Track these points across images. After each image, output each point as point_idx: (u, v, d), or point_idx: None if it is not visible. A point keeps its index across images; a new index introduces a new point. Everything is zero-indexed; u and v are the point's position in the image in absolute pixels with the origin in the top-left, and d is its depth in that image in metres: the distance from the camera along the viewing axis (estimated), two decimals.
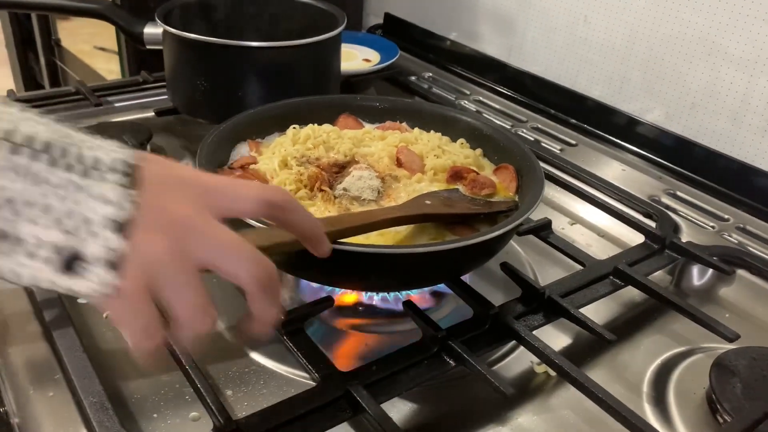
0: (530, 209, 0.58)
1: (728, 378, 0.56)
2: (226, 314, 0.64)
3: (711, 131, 0.88)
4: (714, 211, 0.83)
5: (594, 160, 0.93)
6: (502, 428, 0.54)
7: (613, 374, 0.60)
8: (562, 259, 0.74)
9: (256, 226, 0.51)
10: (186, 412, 0.53)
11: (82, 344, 0.53)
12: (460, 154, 0.72)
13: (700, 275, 0.73)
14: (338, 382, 0.50)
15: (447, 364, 0.54)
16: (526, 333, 0.56)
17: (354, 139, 0.73)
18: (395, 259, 0.53)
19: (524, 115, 1.06)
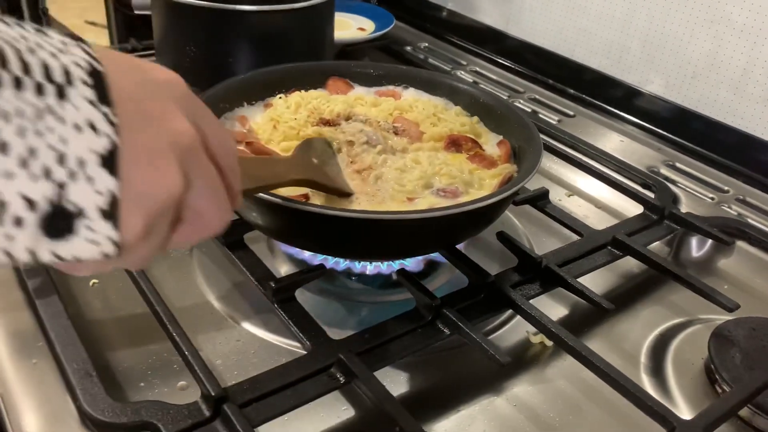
0: (528, 176, 0.57)
1: (727, 348, 0.55)
2: (216, 285, 0.62)
3: (712, 101, 0.86)
4: (713, 182, 0.82)
5: (592, 131, 0.92)
6: (497, 398, 0.53)
7: (610, 345, 0.59)
8: (559, 231, 0.73)
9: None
10: (174, 381, 0.52)
11: (66, 312, 0.52)
12: (457, 122, 0.70)
13: (698, 246, 0.72)
14: (330, 350, 0.49)
15: (442, 333, 0.53)
16: (523, 302, 0.55)
17: (345, 104, 0.71)
18: (388, 225, 0.52)
19: (522, 86, 1.04)
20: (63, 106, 0.27)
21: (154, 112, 0.31)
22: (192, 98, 0.34)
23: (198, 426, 0.43)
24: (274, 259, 0.66)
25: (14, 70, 0.25)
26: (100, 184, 0.28)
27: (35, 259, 0.27)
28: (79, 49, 0.28)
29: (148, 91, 0.31)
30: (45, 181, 0.26)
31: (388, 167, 0.62)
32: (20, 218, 0.26)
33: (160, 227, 0.31)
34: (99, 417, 0.43)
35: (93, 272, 0.31)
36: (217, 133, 0.35)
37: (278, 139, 0.66)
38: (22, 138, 0.25)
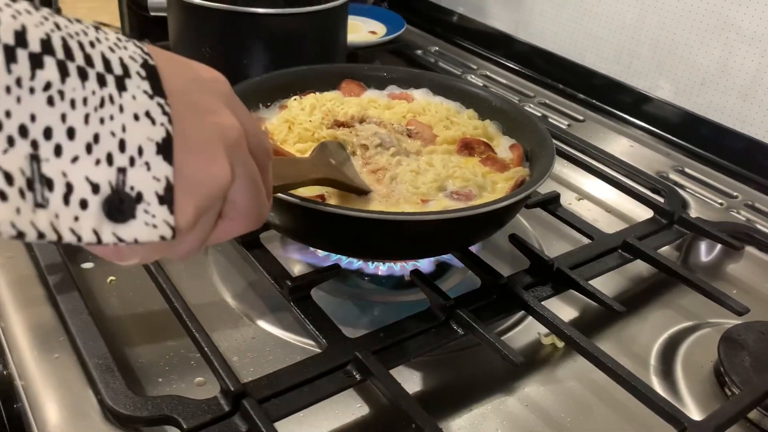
0: (542, 179, 0.58)
1: (737, 351, 0.56)
2: (232, 284, 0.63)
3: (721, 108, 0.87)
4: (722, 188, 0.83)
5: (602, 135, 0.92)
6: (509, 398, 0.54)
7: (620, 347, 0.60)
8: (569, 234, 0.74)
9: None
10: (191, 377, 0.52)
11: (87, 308, 0.53)
12: (469, 125, 0.71)
13: (707, 251, 0.72)
14: (346, 348, 0.50)
15: (455, 333, 0.53)
16: (536, 303, 0.56)
17: (359, 106, 0.72)
18: (404, 226, 0.52)
19: (532, 90, 1.05)
20: (122, 96, 0.28)
21: (203, 105, 0.32)
22: (234, 97, 0.36)
23: (217, 420, 0.44)
24: (287, 259, 0.67)
25: (79, 61, 0.27)
26: (157, 170, 0.29)
27: (99, 239, 0.28)
28: (132, 44, 0.30)
29: (197, 86, 0.33)
30: (107, 166, 0.28)
31: (403, 168, 0.63)
32: (85, 200, 0.27)
33: (208, 217, 0.32)
34: (121, 410, 0.44)
35: (142, 261, 0.32)
36: (256, 132, 0.36)
37: (293, 140, 0.66)
38: (86, 125, 0.27)
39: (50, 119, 0.26)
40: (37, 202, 0.26)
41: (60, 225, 0.27)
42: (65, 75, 0.26)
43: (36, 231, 0.26)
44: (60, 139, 0.26)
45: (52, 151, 0.26)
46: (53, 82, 0.26)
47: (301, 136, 0.67)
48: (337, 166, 0.59)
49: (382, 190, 0.61)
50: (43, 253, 0.59)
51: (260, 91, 0.71)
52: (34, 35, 0.26)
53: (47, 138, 0.26)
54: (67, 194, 0.27)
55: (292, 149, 0.65)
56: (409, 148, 0.67)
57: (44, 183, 0.26)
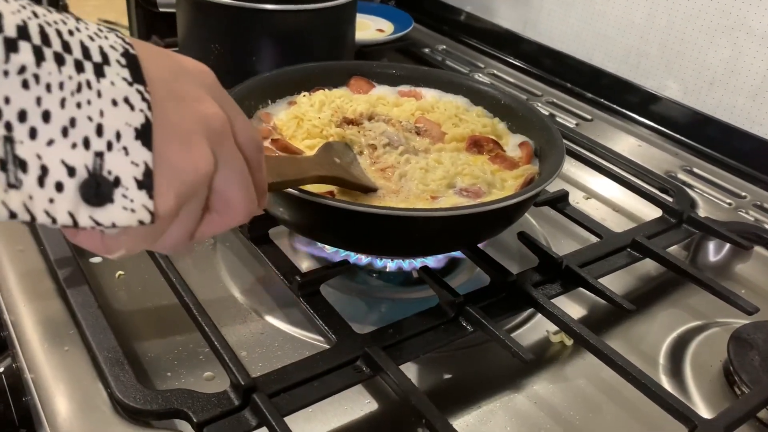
0: (552, 177, 0.57)
1: (746, 350, 0.56)
2: (240, 279, 0.63)
3: (730, 108, 0.87)
4: (730, 188, 0.82)
5: (609, 135, 0.92)
6: (518, 395, 0.54)
7: (628, 346, 0.60)
8: (577, 233, 0.73)
9: None
10: (200, 371, 0.53)
11: (96, 302, 0.53)
12: (478, 123, 0.71)
13: (716, 251, 0.72)
14: (356, 344, 0.50)
15: (465, 329, 0.53)
16: (545, 301, 0.56)
17: (368, 103, 0.72)
18: (414, 222, 0.52)
19: (539, 89, 1.04)
20: (100, 81, 0.28)
21: (185, 94, 0.32)
22: (221, 89, 0.36)
23: (228, 414, 0.44)
24: (296, 255, 0.67)
25: (56, 47, 0.27)
26: (136, 155, 0.29)
27: (75, 222, 0.28)
28: (114, 35, 0.30)
29: (180, 76, 0.33)
30: (84, 150, 0.28)
31: (412, 166, 0.63)
32: (61, 183, 0.27)
33: (192, 207, 0.33)
34: (131, 404, 0.44)
35: (129, 252, 0.32)
36: (245, 127, 0.36)
37: (301, 136, 0.67)
38: (62, 108, 0.27)
39: (25, 102, 0.26)
40: (10, 183, 0.26)
41: (34, 206, 0.27)
42: (41, 59, 0.27)
43: (7, 210, 0.27)
44: (35, 122, 0.27)
45: (27, 134, 0.26)
46: (28, 66, 0.26)
47: (310, 132, 0.67)
48: (342, 165, 0.59)
49: (391, 187, 0.61)
50: (53, 246, 0.59)
51: (269, 87, 0.71)
52: (10, 21, 0.26)
53: (21, 120, 0.26)
54: (41, 176, 0.27)
55: (301, 145, 0.65)
56: (417, 146, 0.67)
57: (18, 164, 0.26)
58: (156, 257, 0.57)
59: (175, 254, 0.65)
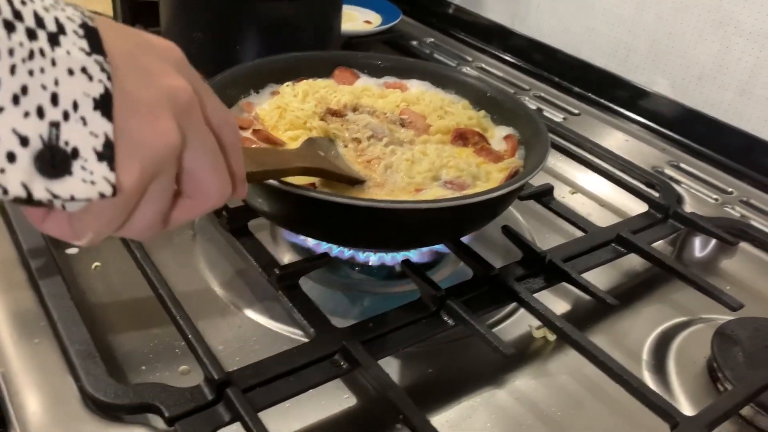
0: (536, 170, 0.57)
1: (730, 347, 0.55)
2: (219, 272, 0.62)
3: (718, 103, 0.86)
4: (717, 183, 0.82)
5: (597, 129, 0.91)
6: (499, 391, 0.53)
7: (612, 341, 0.59)
8: (562, 227, 0.73)
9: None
10: (175, 365, 0.51)
11: (69, 293, 0.51)
12: (464, 116, 0.70)
13: (702, 247, 0.72)
14: (334, 338, 0.49)
15: (446, 324, 0.53)
16: (527, 295, 0.55)
17: (352, 94, 0.71)
18: (396, 214, 0.51)
19: (527, 83, 1.04)
20: (55, 50, 0.27)
21: (149, 67, 0.31)
22: (189, 67, 0.34)
23: (201, 409, 0.43)
24: (277, 248, 0.66)
25: (6, 15, 0.26)
26: (95, 126, 0.28)
27: (30, 194, 0.27)
28: (72, 8, 0.29)
29: (144, 50, 0.31)
30: (38, 119, 0.27)
31: (397, 157, 0.62)
32: (13, 153, 0.26)
33: (161, 186, 0.31)
34: (101, 398, 0.43)
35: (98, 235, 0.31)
36: (217, 107, 0.35)
37: (284, 127, 0.65)
38: (12, 75, 0.26)
39: None
40: None
41: None
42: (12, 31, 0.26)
43: None
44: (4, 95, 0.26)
45: None
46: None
47: (292, 123, 0.66)
48: (326, 158, 0.58)
49: (377, 179, 0.60)
50: (26, 236, 0.58)
51: (252, 76, 0.70)
52: None
53: None
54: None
55: (283, 136, 0.64)
56: (401, 137, 0.66)
57: None
58: (132, 248, 0.56)
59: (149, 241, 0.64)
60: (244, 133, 0.63)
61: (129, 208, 0.31)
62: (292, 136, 0.64)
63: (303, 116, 0.66)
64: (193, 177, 0.33)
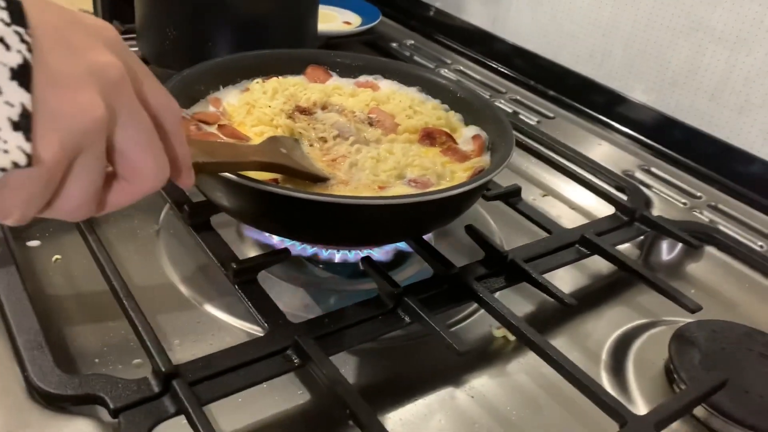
0: (498, 168, 0.57)
1: (687, 349, 0.55)
2: (181, 267, 0.62)
3: (690, 109, 0.87)
4: (687, 188, 0.82)
5: (570, 133, 0.92)
6: (456, 390, 0.53)
7: (573, 342, 0.59)
8: (531, 229, 0.73)
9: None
10: (129, 358, 0.51)
11: (23, 284, 0.51)
12: (433, 115, 0.70)
13: (668, 250, 0.72)
14: (287, 333, 0.49)
15: (402, 321, 0.52)
16: (486, 295, 0.55)
17: (323, 93, 0.71)
18: (353, 210, 0.51)
19: (504, 86, 1.04)
20: None
21: (77, 43, 0.31)
22: (125, 47, 0.34)
23: (146, 401, 0.42)
24: (242, 244, 0.66)
25: None
26: (11, 96, 0.28)
27: None
28: None
29: (74, 27, 0.31)
30: None
31: (363, 155, 0.62)
32: None
33: (87, 163, 0.31)
34: (45, 388, 0.42)
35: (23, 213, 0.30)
36: (156, 89, 0.35)
37: (251, 123, 0.65)
38: None
39: None
40: None
41: None
42: None
43: None
44: None
45: None
46: None
47: (260, 120, 0.65)
48: (288, 155, 0.58)
49: (341, 176, 0.60)
50: None
51: (221, 71, 0.69)
52: None
53: None
54: None
55: (250, 132, 0.64)
56: (369, 136, 0.66)
57: None
58: (88, 240, 0.56)
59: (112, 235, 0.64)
60: (209, 128, 0.63)
61: (51, 184, 0.30)
62: (259, 132, 0.64)
63: (270, 113, 0.66)
64: (127, 157, 0.33)
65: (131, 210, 0.68)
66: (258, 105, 0.67)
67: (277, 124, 0.65)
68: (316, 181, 0.58)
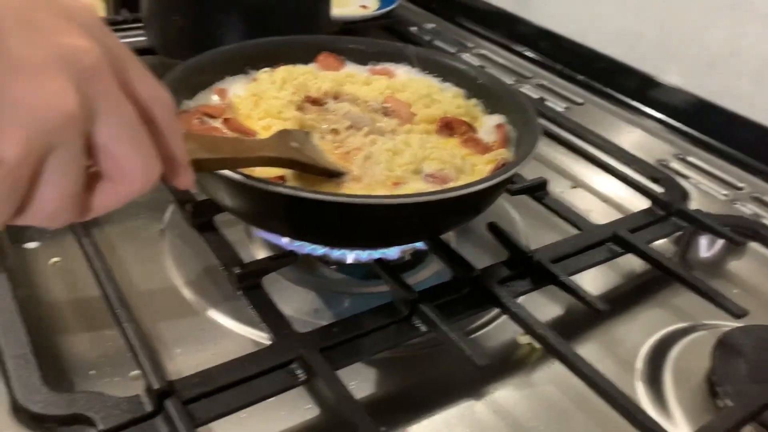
0: (521, 162, 0.52)
1: (732, 358, 0.50)
2: (186, 270, 0.58)
3: (731, 92, 0.81)
4: (728, 178, 0.77)
5: (600, 120, 0.86)
6: (476, 403, 0.49)
7: (604, 350, 0.55)
8: (559, 225, 0.68)
9: None
10: (127, 370, 0.48)
11: (12, 291, 0.48)
12: (452, 104, 0.66)
13: (708, 247, 0.67)
14: (292, 344, 0.45)
15: (417, 330, 0.48)
16: (509, 300, 0.50)
17: (335, 81, 0.67)
18: (362, 210, 0.47)
19: (529, 71, 0.99)
20: None
21: (42, 25, 0.27)
22: (107, 32, 0.30)
23: (138, 422, 0.39)
24: (251, 244, 0.62)
25: None
26: None
27: None
28: None
29: (42, 8, 0.27)
30: None
31: (378, 147, 0.58)
32: None
33: (62, 161, 0.27)
34: (30, 407, 0.39)
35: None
36: (146, 81, 0.31)
37: (258, 115, 0.61)
38: None
39: None
40: None
41: None
42: None
43: None
44: None
45: None
46: None
47: (267, 112, 0.61)
48: (299, 149, 0.54)
49: (354, 171, 0.56)
50: None
51: (227, 60, 0.65)
52: None
53: None
54: None
55: (257, 125, 0.60)
56: (383, 127, 0.62)
57: None
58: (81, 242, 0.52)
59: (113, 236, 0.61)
60: (213, 122, 0.60)
61: (19, 187, 0.27)
62: (266, 126, 0.60)
63: (278, 105, 0.62)
64: (110, 155, 0.29)
65: (135, 209, 0.65)
66: (266, 96, 0.63)
67: (285, 116, 0.61)
68: (330, 177, 0.54)
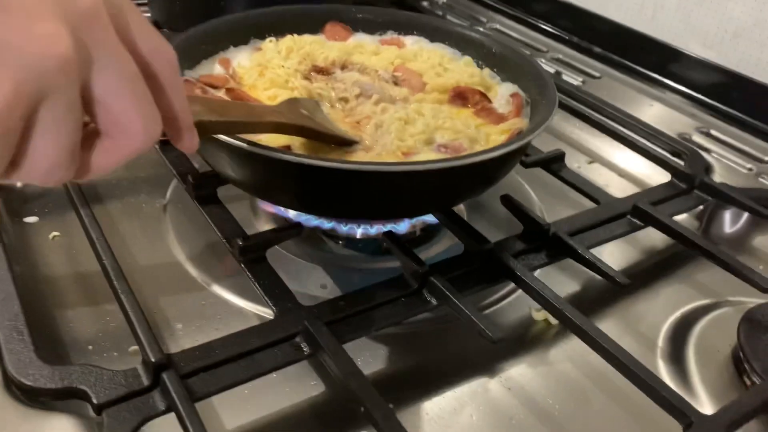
0: (536, 131, 0.50)
1: (760, 334, 0.48)
2: (189, 244, 0.57)
3: (757, 64, 0.77)
4: (752, 151, 0.74)
5: (619, 94, 0.83)
6: (490, 380, 0.47)
7: (624, 326, 0.53)
8: (577, 200, 0.65)
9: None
10: (126, 345, 0.46)
11: (9, 264, 0.46)
12: (465, 73, 0.63)
13: (732, 221, 0.64)
14: (297, 317, 0.43)
15: (428, 303, 0.46)
16: (524, 273, 0.48)
17: (342, 51, 0.64)
18: (370, 178, 0.45)
19: (545, 45, 0.96)
20: None
21: None
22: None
23: (133, 395, 0.37)
24: (255, 219, 0.61)
25: None
26: None
27: None
28: None
29: None
30: None
31: (389, 116, 0.55)
32: None
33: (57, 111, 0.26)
34: (23, 381, 0.38)
35: None
36: (149, 34, 0.29)
37: (263, 85, 0.59)
38: None
39: None
40: None
41: None
42: None
43: None
44: None
45: None
46: None
47: (273, 82, 0.59)
48: (309, 116, 0.51)
49: (366, 140, 0.54)
50: None
51: (231, 30, 0.63)
52: None
53: None
54: None
55: (262, 96, 0.58)
56: (395, 95, 0.60)
57: None
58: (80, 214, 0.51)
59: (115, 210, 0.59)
60: (216, 92, 0.58)
61: (10, 137, 0.25)
62: (272, 96, 0.58)
63: (284, 74, 0.60)
64: (108, 109, 0.28)
65: (137, 182, 0.63)
66: (271, 66, 0.61)
67: (292, 86, 0.58)
68: (342, 145, 0.52)
